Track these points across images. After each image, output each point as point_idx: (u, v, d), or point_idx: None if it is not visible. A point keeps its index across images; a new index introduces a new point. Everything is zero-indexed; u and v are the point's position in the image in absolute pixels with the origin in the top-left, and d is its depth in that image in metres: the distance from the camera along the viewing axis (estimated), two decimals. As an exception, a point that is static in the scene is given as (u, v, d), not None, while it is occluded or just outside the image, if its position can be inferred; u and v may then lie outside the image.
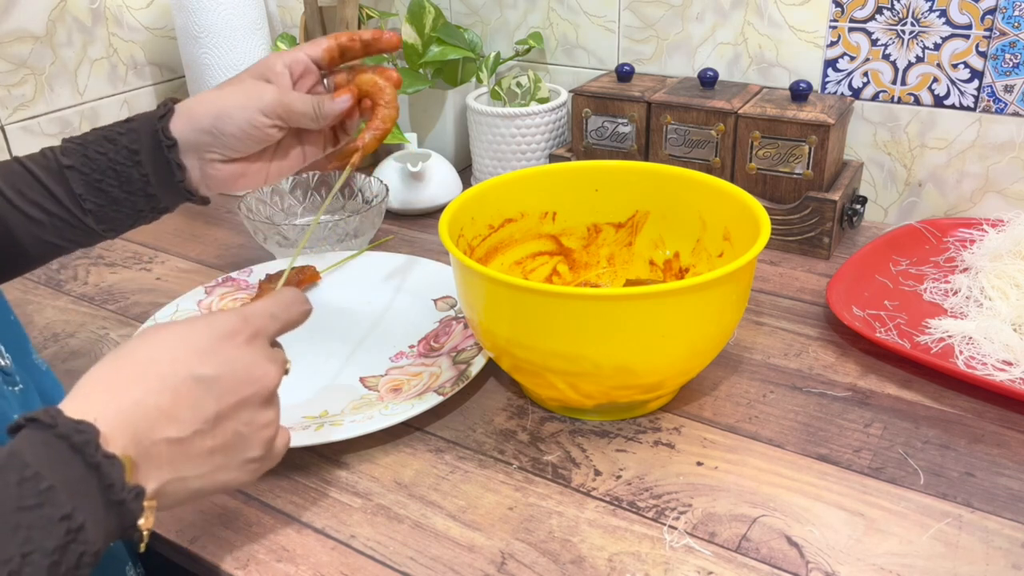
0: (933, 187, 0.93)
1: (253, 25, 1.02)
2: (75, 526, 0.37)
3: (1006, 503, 0.56)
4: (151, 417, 0.41)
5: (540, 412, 0.67)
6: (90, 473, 0.38)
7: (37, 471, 0.37)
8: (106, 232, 0.64)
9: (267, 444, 0.47)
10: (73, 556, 0.37)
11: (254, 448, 0.46)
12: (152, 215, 0.65)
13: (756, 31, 0.97)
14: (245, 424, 0.45)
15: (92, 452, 0.38)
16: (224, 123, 0.61)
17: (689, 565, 0.52)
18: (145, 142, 0.61)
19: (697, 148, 0.92)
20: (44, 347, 0.79)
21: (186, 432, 0.42)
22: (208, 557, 0.55)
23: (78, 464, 0.38)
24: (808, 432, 0.63)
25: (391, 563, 0.53)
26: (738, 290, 0.60)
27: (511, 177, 0.74)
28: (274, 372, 0.46)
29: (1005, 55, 0.85)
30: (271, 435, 0.47)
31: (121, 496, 0.39)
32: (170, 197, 0.64)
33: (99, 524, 0.38)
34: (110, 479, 0.38)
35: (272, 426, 0.47)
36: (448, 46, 1.06)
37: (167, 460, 0.42)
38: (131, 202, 0.63)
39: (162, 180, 0.62)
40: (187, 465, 0.43)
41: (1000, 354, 0.68)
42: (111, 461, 0.38)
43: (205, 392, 0.43)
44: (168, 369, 0.43)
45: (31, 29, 0.96)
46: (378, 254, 0.88)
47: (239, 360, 0.45)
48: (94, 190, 0.61)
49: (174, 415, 0.42)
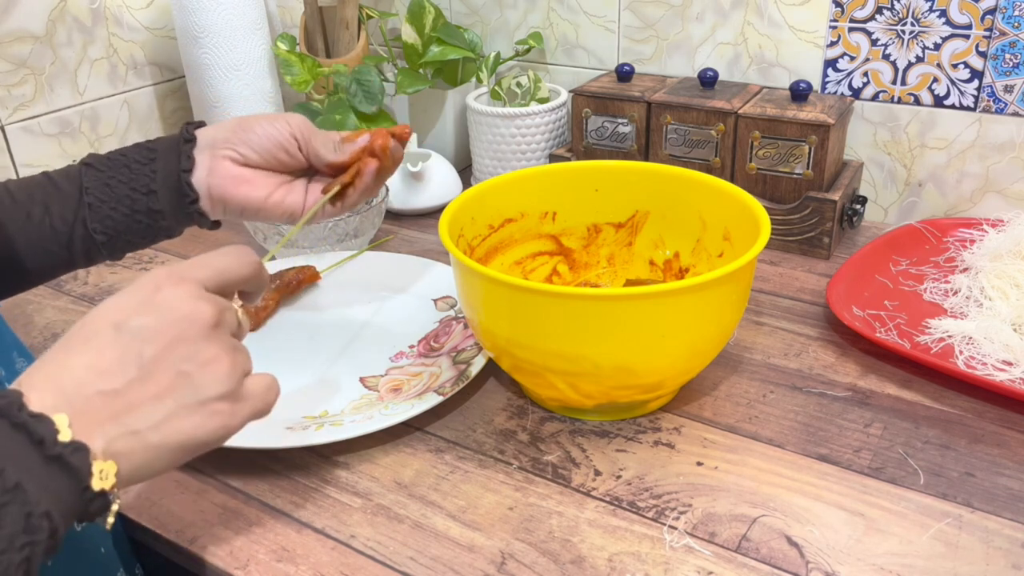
0: (933, 187, 0.93)
1: (253, 25, 1.02)
2: (9, 485, 0.36)
3: (1006, 503, 0.56)
4: (77, 374, 0.40)
5: (540, 412, 0.67)
6: (16, 433, 0.37)
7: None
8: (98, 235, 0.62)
9: (225, 380, 0.43)
10: (17, 517, 0.36)
11: (207, 386, 0.43)
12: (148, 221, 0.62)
13: (756, 31, 0.97)
14: (185, 362, 0.42)
15: (15, 412, 0.38)
16: (248, 124, 0.62)
17: (689, 565, 0.52)
18: (166, 142, 0.62)
19: (697, 148, 0.92)
20: (44, 347, 0.79)
21: (118, 382, 0.41)
22: (208, 557, 0.55)
23: (3, 426, 0.37)
24: (808, 432, 0.63)
25: (391, 563, 0.53)
26: (738, 290, 0.60)
27: (511, 177, 0.74)
28: (205, 307, 0.44)
29: (1005, 55, 0.85)
30: (225, 370, 0.43)
31: (56, 451, 0.38)
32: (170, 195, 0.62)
33: (41, 484, 0.37)
34: (39, 435, 0.38)
35: (220, 361, 0.43)
36: (448, 46, 1.06)
37: (108, 414, 0.40)
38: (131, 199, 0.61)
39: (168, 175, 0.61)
40: (132, 416, 0.41)
41: (1000, 354, 0.68)
42: (37, 419, 0.38)
43: (130, 339, 0.42)
44: (90, 330, 0.42)
45: (31, 29, 0.96)
46: (378, 254, 0.88)
47: (163, 303, 0.43)
48: (102, 186, 0.61)
49: (101, 367, 0.41)
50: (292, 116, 0.64)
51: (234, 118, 0.64)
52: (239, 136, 0.62)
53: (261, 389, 0.46)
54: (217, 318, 0.44)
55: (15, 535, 0.36)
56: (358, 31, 1.11)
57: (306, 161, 0.64)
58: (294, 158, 0.64)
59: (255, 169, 0.63)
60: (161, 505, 0.59)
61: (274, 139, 0.62)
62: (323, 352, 0.75)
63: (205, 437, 0.43)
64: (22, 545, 0.36)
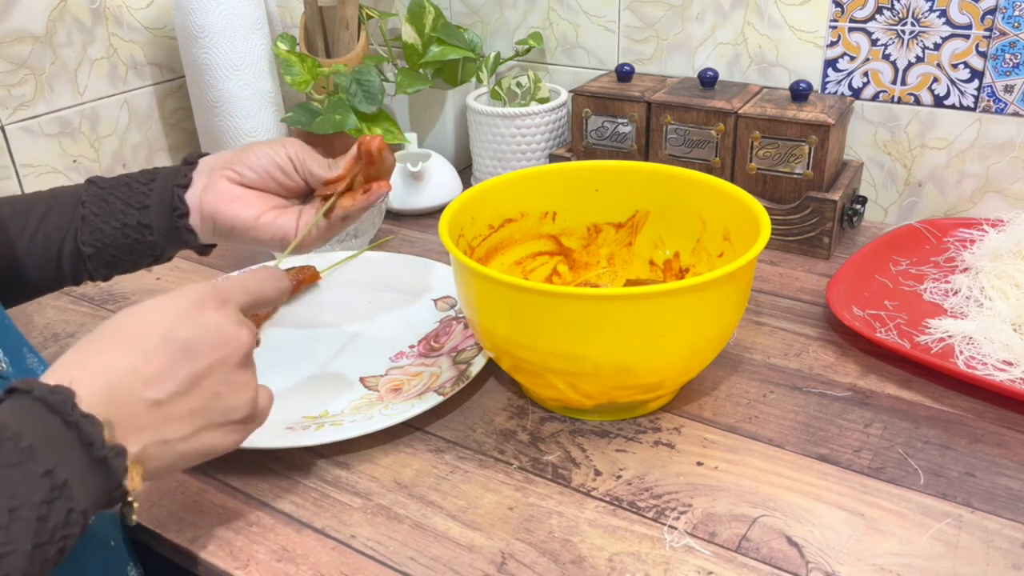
0: (933, 187, 0.93)
1: (253, 25, 1.01)
2: (58, 482, 0.38)
3: (1006, 503, 0.56)
4: (126, 379, 0.42)
5: (540, 412, 0.67)
6: (69, 431, 0.39)
7: (17, 431, 0.38)
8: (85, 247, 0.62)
9: (249, 404, 0.47)
10: (60, 513, 0.38)
11: (236, 409, 0.47)
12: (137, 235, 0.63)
13: (756, 31, 0.97)
14: (223, 384, 0.46)
15: (69, 411, 0.39)
16: (248, 148, 0.64)
17: (689, 565, 0.52)
18: (170, 167, 0.65)
19: (697, 148, 0.92)
20: (44, 347, 0.79)
21: (164, 393, 0.43)
22: (208, 557, 0.55)
23: (57, 424, 0.39)
24: (808, 432, 0.63)
25: (391, 563, 0.53)
26: (738, 290, 0.60)
27: (511, 177, 0.74)
28: (245, 335, 0.47)
29: (1005, 55, 0.85)
30: (251, 396, 0.48)
31: (102, 453, 0.40)
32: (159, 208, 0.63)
33: (84, 483, 0.39)
34: (90, 436, 0.39)
35: (250, 387, 0.48)
36: (448, 46, 1.06)
37: (147, 422, 0.43)
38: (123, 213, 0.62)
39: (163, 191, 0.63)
40: (168, 427, 0.43)
41: (1000, 354, 0.68)
42: (89, 419, 0.40)
43: (179, 353, 0.44)
44: (140, 333, 0.44)
45: (31, 29, 0.96)
46: (378, 254, 0.88)
47: (209, 324, 0.46)
48: (99, 200, 0.63)
49: (149, 377, 0.43)
50: (290, 141, 0.65)
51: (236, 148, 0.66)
52: (238, 157, 0.64)
53: (266, 405, 0.50)
54: (251, 347, 0.48)
55: (56, 528, 0.38)
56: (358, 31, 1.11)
57: (303, 183, 0.65)
58: (290, 179, 0.65)
59: (250, 189, 0.64)
60: (161, 505, 0.59)
61: (271, 159, 0.64)
62: (323, 352, 0.75)
63: (221, 449, 0.47)
64: (60, 538, 0.38)
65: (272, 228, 0.63)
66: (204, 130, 1.07)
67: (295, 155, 0.64)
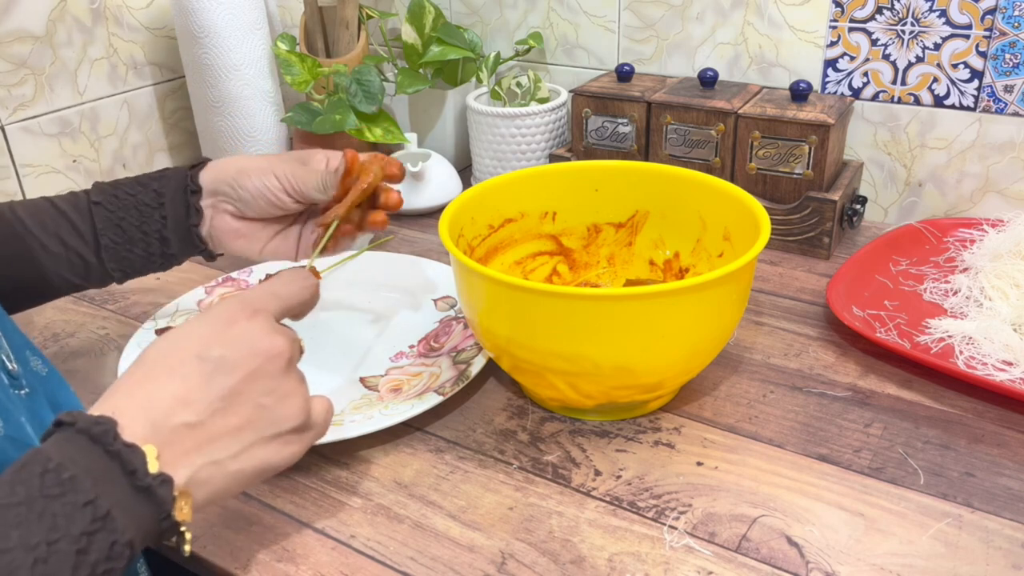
0: (933, 187, 0.93)
1: (253, 25, 1.01)
2: (100, 513, 0.37)
3: (1006, 503, 0.56)
4: (165, 405, 0.42)
5: (540, 412, 0.67)
6: (111, 462, 0.39)
7: (60, 463, 0.38)
8: (115, 272, 0.66)
9: (300, 413, 0.46)
10: (103, 545, 0.37)
11: (286, 419, 0.45)
12: (162, 261, 0.67)
13: (756, 31, 0.97)
14: (265, 395, 0.45)
15: (111, 441, 0.39)
16: (243, 179, 0.64)
17: (689, 565, 0.52)
18: (172, 186, 0.65)
19: (697, 148, 0.92)
20: (44, 347, 0.79)
21: (203, 414, 0.43)
22: (208, 557, 0.55)
23: (98, 454, 0.39)
24: (808, 432, 0.63)
25: (391, 563, 0.53)
26: (738, 290, 0.60)
27: (511, 177, 0.74)
28: (282, 342, 0.46)
29: (1005, 55, 0.85)
30: (300, 404, 0.46)
31: (146, 482, 0.39)
32: (181, 243, 0.66)
33: (128, 513, 0.39)
34: (132, 465, 0.39)
35: (297, 394, 0.46)
36: (448, 46, 1.06)
37: (192, 445, 0.42)
38: (145, 243, 0.65)
39: (178, 223, 0.65)
40: (214, 447, 0.43)
41: (1000, 354, 0.68)
42: (131, 449, 0.39)
43: (213, 371, 0.43)
44: (175, 359, 0.44)
45: (31, 29, 0.96)
46: (378, 254, 0.88)
47: (243, 336, 0.45)
48: (114, 227, 0.65)
49: (187, 399, 0.42)
50: (280, 165, 0.65)
51: (232, 161, 0.66)
52: (236, 193, 0.65)
53: (323, 414, 0.49)
54: (291, 352, 0.47)
55: (99, 562, 0.37)
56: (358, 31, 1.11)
57: (301, 204, 0.66)
58: (283, 206, 0.65)
59: (252, 221, 0.66)
60: (161, 505, 0.59)
61: (264, 196, 0.64)
62: (323, 352, 0.75)
63: (279, 464, 0.46)
64: (103, 572, 0.37)
65: (273, 255, 0.68)
66: (204, 130, 1.07)
67: (288, 185, 0.64)
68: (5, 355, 0.51)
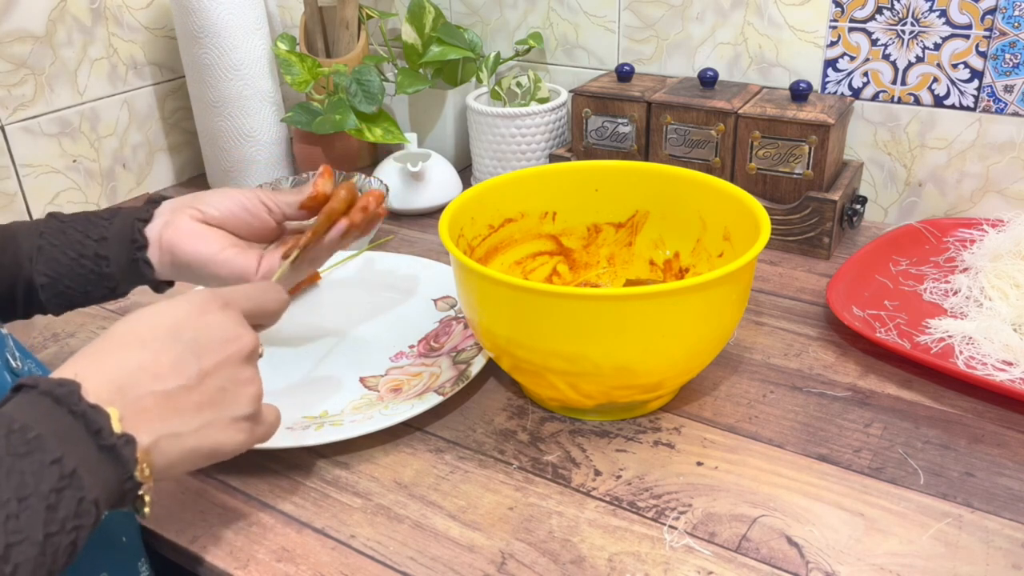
0: (933, 187, 0.93)
1: (253, 25, 1.02)
2: (67, 471, 0.38)
3: (1006, 503, 0.56)
4: (134, 374, 0.43)
5: (540, 412, 0.67)
6: (76, 421, 0.40)
7: (24, 423, 0.39)
8: (39, 275, 0.62)
9: (253, 402, 0.48)
10: (71, 502, 0.38)
11: (241, 405, 0.47)
12: (92, 264, 0.62)
13: (756, 31, 0.97)
14: (227, 380, 0.47)
15: (76, 402, 0.40)
16: (214, 191, 0.64)
17: (689, 565, 0.52)
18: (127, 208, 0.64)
19: (697, 148, 0.92)
20: (44, 347, 0.79)
21: (170, 386, 0.44)
22: (208, 557, 0.55)
23: (63, 414, 0.40)
24: (808, 432, 0.63)
25: (391, 563, 0.53)
26: (738, 290, 0.60)
27: (511, 177, 0.74)
28: (248, 335, 0.49)
29: (1005, 55, 0.85)
30: (255, 393, 0.49)
31: (111, 441, 0.40)
32: (118, 242, 0.62)
33: (93, 472, 0.40)
34: (97, 425, 0.40)
35: (254, 383, 0.49)
36: (448, 46, 1.06)
37: (156, 414, 0.43)
38: (81, 244, 0.62)
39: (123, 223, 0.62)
40: (176, 419, 0.44)
41: (1000, 354, 0.68)
42: (96, 409, 0.40)
43: (185, 350, 0.45)
44: (148, 334, 0.45)
45: (31, 29, 0.96)
46: (378, 254, 0.88)
47: (215, 325, 0.47)
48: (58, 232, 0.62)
49: (157, 371, 0.44)
50: (263, 190, 0.65)
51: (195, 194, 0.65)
52: (202, 197, 0.64)
53: (272, 417, 0.51)
54: (254, 347, 0.49)
55: (67, 518, 0.38)
56: (358, 31, 1.11)
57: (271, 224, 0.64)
58: (257, 219, 0.63)
59: (213, 228, 0.62)
60: (161, 505, 0.59)
61: (236, 199, 0.63)
62: (323, 352, 0.75)
63: (227, 448, 0.47)
64: (72, 528, 0.39)
65: (231, 264, 0.61)
66: (204, 130, 1.07)
67: (266, 198, 0.63)
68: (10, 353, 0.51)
